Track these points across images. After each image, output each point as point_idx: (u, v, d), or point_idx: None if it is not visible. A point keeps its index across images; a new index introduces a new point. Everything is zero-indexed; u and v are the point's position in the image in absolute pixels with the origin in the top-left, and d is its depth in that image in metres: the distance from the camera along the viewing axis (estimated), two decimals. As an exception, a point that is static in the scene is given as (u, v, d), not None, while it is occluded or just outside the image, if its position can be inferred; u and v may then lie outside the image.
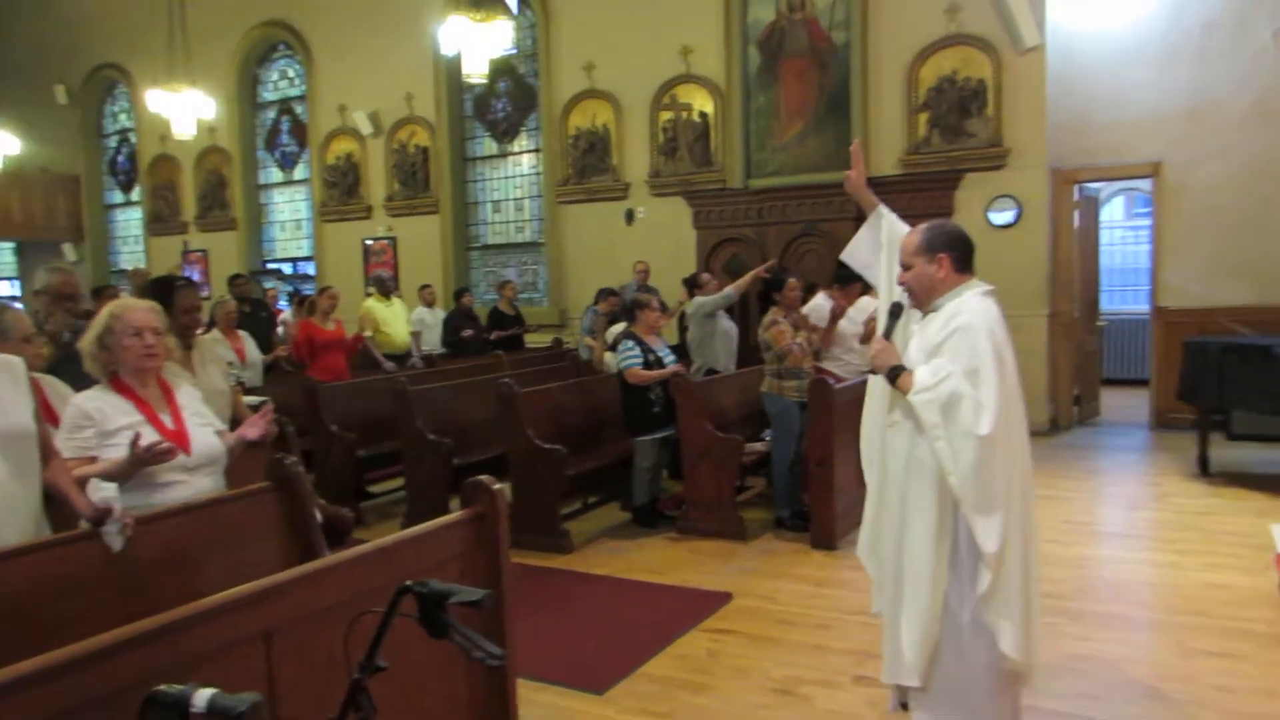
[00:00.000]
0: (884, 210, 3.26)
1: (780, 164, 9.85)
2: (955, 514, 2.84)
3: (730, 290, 7.13)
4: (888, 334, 3.07)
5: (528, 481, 5.84)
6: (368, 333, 8.32)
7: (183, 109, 11.33)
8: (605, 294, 8.94)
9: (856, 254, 3.30)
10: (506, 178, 12.14)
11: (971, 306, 2.86)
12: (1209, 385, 6.81)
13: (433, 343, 9.89)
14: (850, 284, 6.58)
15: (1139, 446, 8.47)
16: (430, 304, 10.19)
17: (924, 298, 2.99)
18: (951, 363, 2.78)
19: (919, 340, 2.95)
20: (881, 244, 3.20)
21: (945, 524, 2.87)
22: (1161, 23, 8.84)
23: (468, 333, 9.73)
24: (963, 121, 8.98)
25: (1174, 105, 8.78)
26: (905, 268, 3.02)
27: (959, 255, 2.95)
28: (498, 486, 3.01)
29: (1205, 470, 7.04)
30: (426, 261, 12.24)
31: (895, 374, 2.92)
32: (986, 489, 2.73)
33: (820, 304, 6.50)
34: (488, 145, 12.21)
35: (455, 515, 2.96)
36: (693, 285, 7.65)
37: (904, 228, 3.16)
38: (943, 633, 2.87)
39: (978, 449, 2.71)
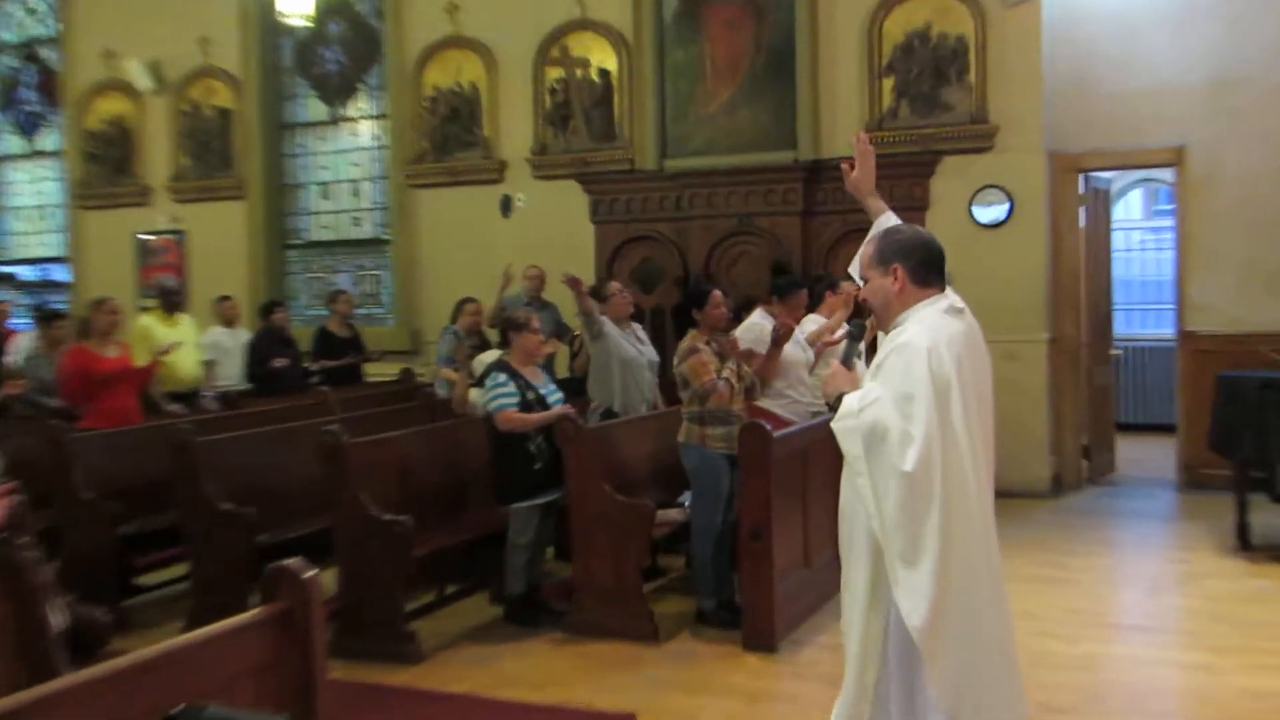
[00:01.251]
0: (891, 217, 3.56)
1: (705, 140, 10.02)
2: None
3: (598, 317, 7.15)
4: (846, 359, 3.40)
5: (361, 566, 5.76)
6: (168, 357, 8.15)
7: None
8: (464, 307, 8.91)
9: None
10: (339, 152, 12.06)
11: (922, 322, 3.14)
12: (1247, 433, 7.11)
13: (233, 375, 9.72)
14: (792, 293, 6.72)
15: (1163, 512, 8.82)
16: (230, 322, 10.01)
17: (882, 316, 3.28)
18: (883, 386, 3.09)
19: (873, 364, 3.24)
20: None
21: (879, 591, 3.10)
22: (1184, -28, 9.33)
23: (281, 362, 9.58)
24: (938, 90, 9.31)
25: (1199, 75, 9.26)
26: (863, 282, 3.35)
27: (917, 265, 3.23)
28: (312, 573, 2.95)
29: (1245, 543, 7.34)
30: (226, 265, 12.02)
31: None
32: (912, 534, 2.98)
33: (757, 323, 6.61)
34: (314, 108, 12.12)
35: (252, 614, 2.89)
36: (596, 297, 7.67)
37: None
38: None
39: (901, 488, 2.98)
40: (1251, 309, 9.15)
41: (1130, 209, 13.95)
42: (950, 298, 3.25)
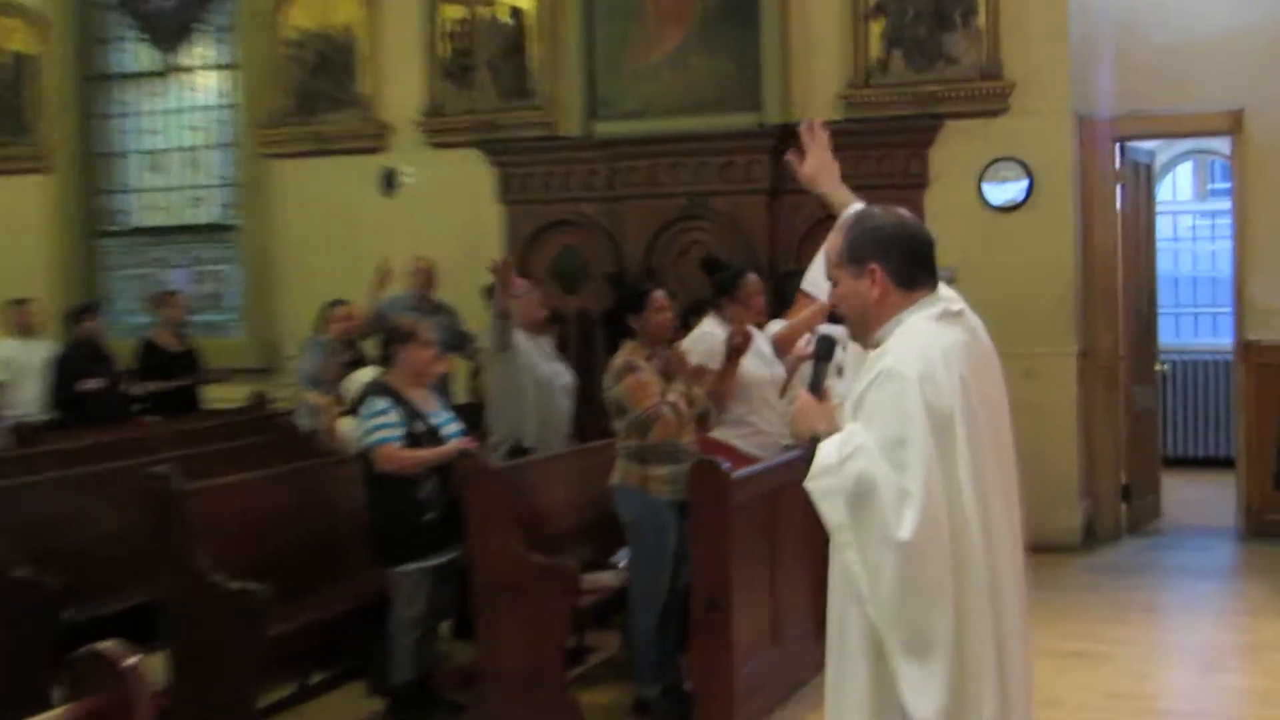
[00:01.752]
0: (858, 208, 3.42)
1: (645, 99, 10.04)
2: None
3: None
4: (815, 385, 3.20)
5: (199, 649, 5.68)
6: None
7: None
8: (333, 311, 8.82)
9: (817, 281, 3.58)
10: (173, 113, 11.95)
11: (909, 337, 3.04)
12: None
13: (30, 400, 9.64)
14: (740, 285, 6.70)
15: (1221, 568, 8.97)
16: (27, 333, 9.92)
17: (859, 328, 3.19)
18: (866, 429, 2.98)
19: (852, 393, 3.14)
20: None
21: (883, 693, 2.97)
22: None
23: (94, 383, 9.49)
24: (940, 37, 9.41)
25: (1263, 24, 9.41)
26: (832, 284, 3.23)
27: (900, 263, 3.11)
28: (134, 660, 2.90)
29: (1321, 605, 7.51)
30: (22, 258, 11.84)
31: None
32: (917, 621, 2.88)
33: (709, 333, 6.61)
34: (142, 56, 12.01)
35: (54, 714, 2.84)
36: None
37: None
38: None
39: (900, 563, 2.87)
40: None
41: (1178, 188, 14.16)
42: (944, 298, 3.15)
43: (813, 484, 3.02)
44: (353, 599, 6.22)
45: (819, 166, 3.60)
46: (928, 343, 3.01)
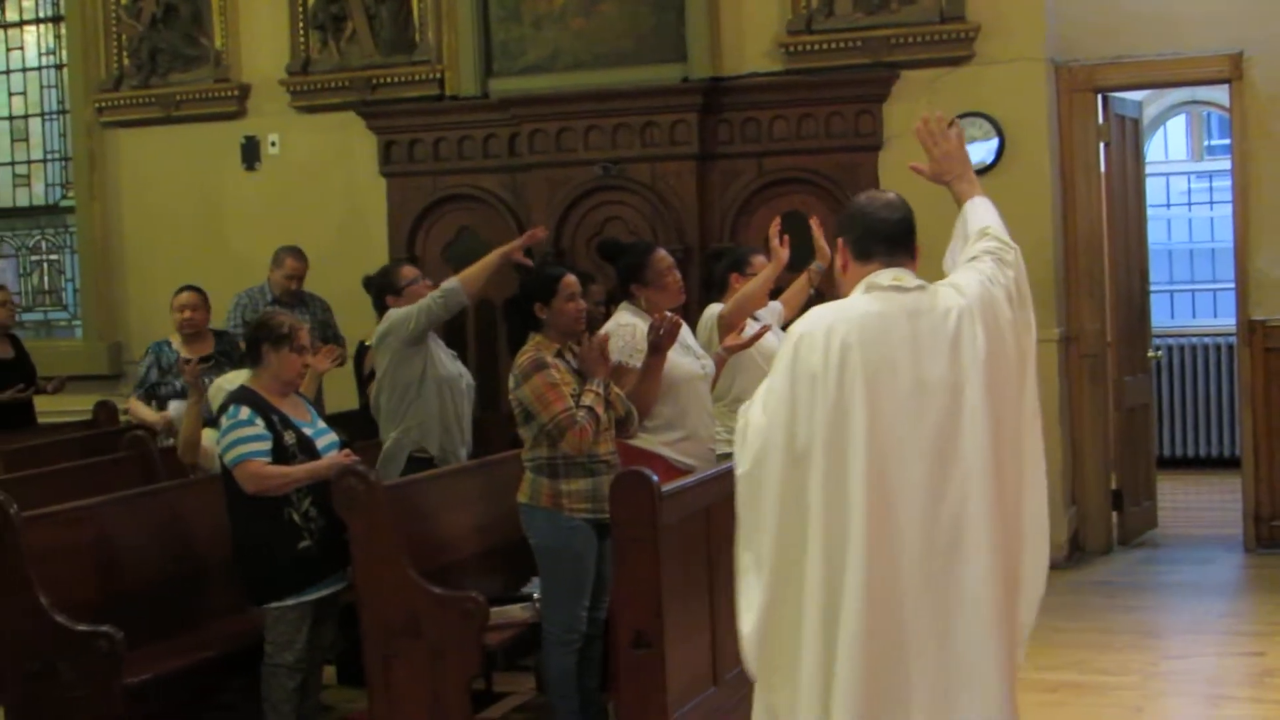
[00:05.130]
0: (979, 203, 4.33)
1: (550, 51, 10.04)
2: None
3: (454, 284, 7.20)
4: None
5: (40, 702, 5.69)
6: None
7: None
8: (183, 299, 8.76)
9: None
10: (-9, 74, 11.85)
11: (833, 303, 3.94)
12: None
13: None
14: (649, 264, 6.69)
15: (1225, 584, 9.10)
16: None
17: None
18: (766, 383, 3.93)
19: None
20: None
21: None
22: None
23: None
24: (893, -25, 9.48)
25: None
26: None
27: (858, 236, 4.00)
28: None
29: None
30: None
31: None
32: (749, 544, 3.87)
33: (629, 323, 6.62)
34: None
35: None
36: (385, 290, 7.64)
37: (983, 217, 4.26)
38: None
39: (739, 491, 3.90)
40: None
41: (1171, 145, 14.32)
42: (891, 272, 3.90)
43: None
44: (221, 643, 6.21)
45: (939, 161, 4.28)
46: (834, 309, 3.88)
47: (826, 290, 6.79)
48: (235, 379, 6.93)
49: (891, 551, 3.73)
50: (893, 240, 3.97)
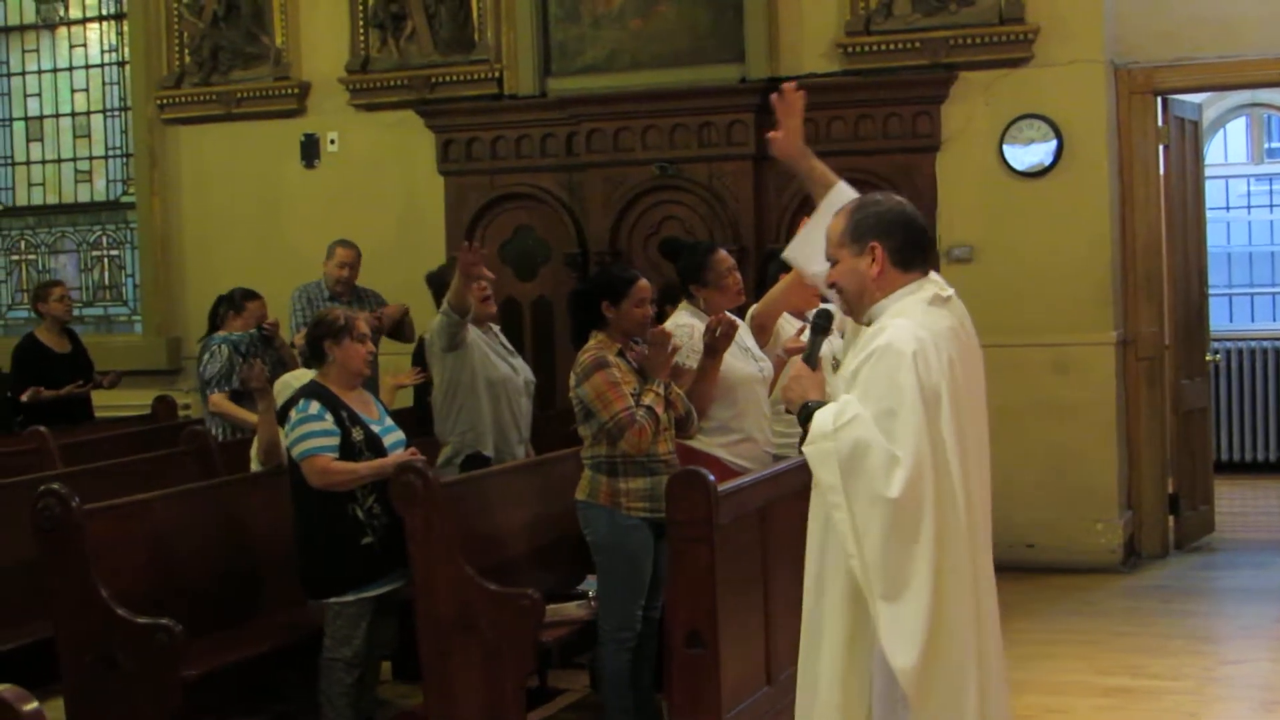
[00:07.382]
0: (844, 187, 4.26)
1: (609, 51, 10.06)
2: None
3: (443, 309, 7.12)
4: (810, 357, 4.05)
5: (100, 694, 5.69)
6: None
7: None
8: (238, 301, 8.84)
9: (803, 254, 4.28)
10: (56, 72, 11.93)
11: (904, 316, 3.78)
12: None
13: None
14: (710, 265, 6.64)
15: (1283, 589, 9.05)
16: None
17: (856, 304, 3.95)
18: (861, 400, 3.74)
19: (846, 367, 3.88)
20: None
21: (860, 646, 3.77)
22: None
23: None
24: (952, -23, 9.46)
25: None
26: (831, 263, 3.95)
27: (900, 244, 3.88)
28: (32, 706, 2.96)
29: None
30: None
31: (808, 414, 3.85)
32: (898, 568, 3.64)
33: (686, 323, 6.61)
34: (15, 4, 11.97)
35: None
36: (445, 287, 7.66)
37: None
38: None
39: (887, 517, 3.64)
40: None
41: (1231, 148, 14.20)
42: (935, 283, 3.90)
43: (810, 448, 3.79)
44: (279, 636, 6.25)
45: (792, 134, 4.33)
46: (921, 324, 3.75)
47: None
48: (302, 376, 6.97)
49: (988, 570, 3.87)
50: (926, 249, 4.01)
